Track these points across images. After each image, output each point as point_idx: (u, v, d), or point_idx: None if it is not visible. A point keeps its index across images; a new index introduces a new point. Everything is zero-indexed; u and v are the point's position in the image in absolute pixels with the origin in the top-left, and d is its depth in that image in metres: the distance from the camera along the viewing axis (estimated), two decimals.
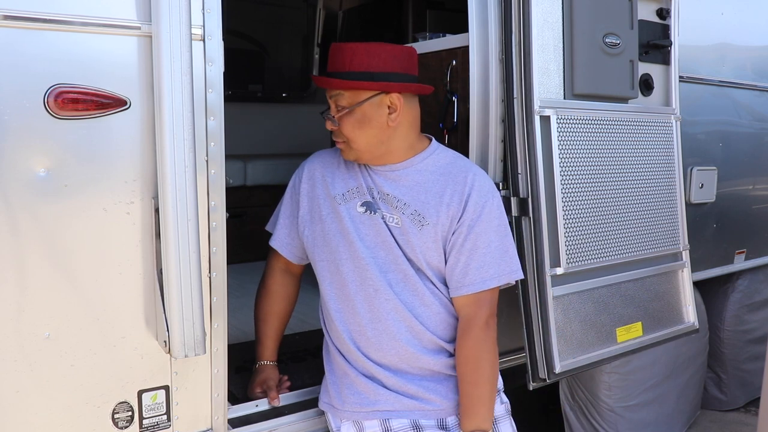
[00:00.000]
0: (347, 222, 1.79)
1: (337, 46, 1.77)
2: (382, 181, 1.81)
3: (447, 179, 1.79)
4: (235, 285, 2.84)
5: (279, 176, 4.09)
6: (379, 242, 1.78)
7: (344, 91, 1.73)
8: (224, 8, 1.68)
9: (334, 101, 1.76)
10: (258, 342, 2.05)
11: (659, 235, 2.42)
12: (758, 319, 3.55)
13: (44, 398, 1.56)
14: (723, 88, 3.04)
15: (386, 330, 1.77)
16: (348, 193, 1.83)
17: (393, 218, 1.78)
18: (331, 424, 1.86)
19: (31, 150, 1.48)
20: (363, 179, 1.83)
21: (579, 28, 2.16)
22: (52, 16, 1.46)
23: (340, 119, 1.75)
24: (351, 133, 1.75)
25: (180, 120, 1.51)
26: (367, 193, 1.81)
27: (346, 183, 1.84)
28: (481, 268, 1.76)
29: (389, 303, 1.77)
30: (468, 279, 1.76)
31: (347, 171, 1.86)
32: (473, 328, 1.76)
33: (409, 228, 1.76)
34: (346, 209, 1.81)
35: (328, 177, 1.87)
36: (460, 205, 1.76)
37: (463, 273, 1.76)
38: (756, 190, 3.29)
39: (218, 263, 1.75)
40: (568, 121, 2.14)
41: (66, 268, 1.55)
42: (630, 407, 2.83)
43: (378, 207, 1.79)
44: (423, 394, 1.79)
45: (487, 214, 1.77)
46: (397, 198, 1.78)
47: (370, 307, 1.78)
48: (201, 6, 1.63)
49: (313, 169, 1.90)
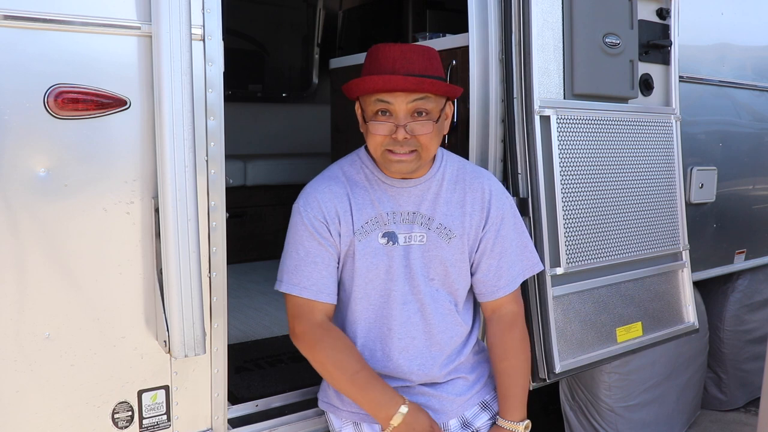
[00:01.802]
0: (370, 256, 1.71)
1: (398, 47, 1.62)
2: (405, 199, 1.73)
3: (463, 187, 1.78)
4: (235, 285, 2.85)
5: (279, 176, 4.10)
6: (405, 272, 1.73)
7: (432, 94, 1.62)
8: (224, 8, 1.68)
9: (413, 106, 1.61)
10: (382, 391, 1.68)
11: (659, 235, 2.42)
12: (758, 319, 3.54)
13: (44, 398, 1.56)
14: (723, 88, 3.04)
15: (413, 350, 1.76)
16: (367, 224, 1.71)
17: (417, 236, 1.74)
18: (333, 423, 1.86)
19: (31, 150, 1.48)
20: (381, 206, 1.72)
21: (579, 28, 2.17)
22: (52, 16, 1.46)
23: (423, 126, 1.61)
24: (430, 141, 1.63)
25: (180, 120, 1.51)
26: (388, 221, 1.72)
27: (363, 214, 1.71)
28: (510, 268, 1.81)
29: (416, 326, 1.76)
30: (502, 281, 1.80)
31: (361, 201, 1.72)
32: (518, 323, 1.85)
33: (436, 242, 1.74)
34: (368, 242, 1.71)
35: (341, 211, 1.70)
36: (483, 213, 1.77)
37: (497, 276, 1.80)
38: (756, 190, 3.29)
39: (218, 263, 1.75)
40: (568, 121, 2.14)
41: (66, 268, 1.55)
42: (630, 407, 2.83)
43: (397, 237, 1.72)
44: (429, 395, 1.79)
45: (508, 217, 1.81)
46: (422, 215, 1.74)
47: (399, 331, 1.75)
48: (201, 6, 1.63)
49: (326, 206, 1.69)
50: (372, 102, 1.63)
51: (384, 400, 1.66)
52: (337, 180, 1.73)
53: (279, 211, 4.03)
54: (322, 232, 1.69)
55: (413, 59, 1.61)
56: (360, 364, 1.69)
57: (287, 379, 2.20)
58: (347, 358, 1.68)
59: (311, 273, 1.69)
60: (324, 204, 1.69)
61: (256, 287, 3.46)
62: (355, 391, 1.68)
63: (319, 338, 1.69)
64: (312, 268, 1.69)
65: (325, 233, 1.69)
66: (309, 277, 1.69)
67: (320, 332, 1.69)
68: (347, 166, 1.77)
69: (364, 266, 1.72)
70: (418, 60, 1.61)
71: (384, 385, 1.69)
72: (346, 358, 1.68)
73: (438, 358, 1.78)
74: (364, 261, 1.71)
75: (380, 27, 4.04)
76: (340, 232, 1.70)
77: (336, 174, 1.75)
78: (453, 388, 1.81)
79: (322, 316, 1.70)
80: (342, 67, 3.19)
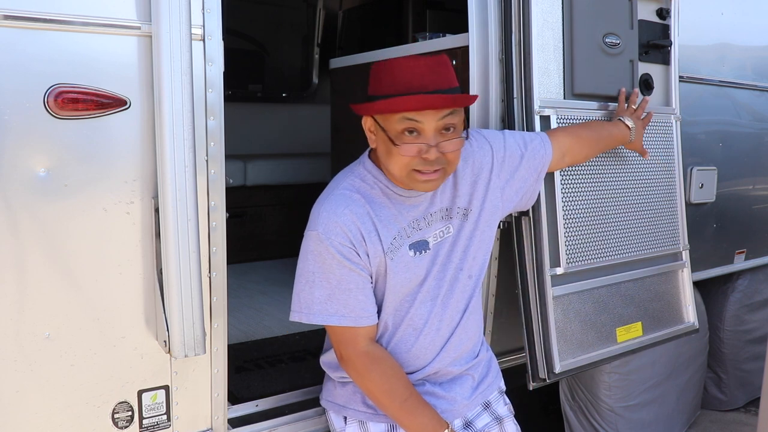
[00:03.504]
0: (403, 272, 1.68)
1: (421, 62, 1.54)
2: (425, 206, 1.70)
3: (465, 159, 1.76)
4: (235, 285, 2.85)
5: (279, 176, 4.09)
6: (435, 270, 1.72)
7: (458, 109, 1.57)
8: (224, 8, 1.68)
9: (442, 123, 1.54)
10: (430, 416, 1.68)
11: (659, 235, 2.42)
12: (758, 319, 3.54)
13: (44, 398, 1.56)
14: (723, 88, 3.04)
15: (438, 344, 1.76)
16: (395, 240, 1.66)
17: (442, 232, 1.72)
18: (333, 423, 1.86)
19: (31, 150, 1.48)
20: (403, 219, 1.67)
21: (579, 28, 2.17)
22: (52, 16, 1.47)
23: (453, 144, 1.56)
24: (456, 158, 1.60)
25: (180, 120, 1.51)
26: (412, 233, 1.68)
27: (389, 231, 1.65)
28: (533, 139, 1.91)
29: (451, 322, 1.76)
30: (542, 138, 1.92)
31: (385, 217, 1.65)
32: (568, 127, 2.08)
33: (459, 227, 1.74)
34: (399, 258, 1.66)
35: (365, 231, 1.61)
36: (487, 157, 1.78)
37: (542, 144, 1.91)
38: (756, 190, 3.29)
39: (218, 263, 1.74)
40: (568, 120, 2.14)
41: (66, 268, 1.55)
42: (630, 407, 2.83)
43: (426, 243, 1.69)
44: (439, 396, 1.79)
45: (497, 139, 1.84)
46: (441, 209, 1.73)
47: (424, 328, 1.74)
48: (201, 6, 1.63)
49: (350, 229, 1.60)
50: (397, 120, 1.53)
51: (431, 425, 1.66)
52: (353, 199, 1.63)
53: (279, 211, 4.04)
54: (352, 257, 1.60)
55: (440, 72, 1.54)
56: (409, 390, 1.68)
57: (287, 379, 2.20)
58: (396, 386, 1.67)
59: (347, 300, 1.62)
60: (348, 227, 1.59)
61: (256, 287, 3.46)
62: (403, 416, 1.68)
63: (366, 367, 1.67)
64: (347, 296, 1.62)
65: (354, 258, 1.61)
66: (345, 304, 1.62)
67: (367, 361, 1.67)
68: (359, 182, 1.67)
69: (398, 282, 1.68)
70: (443, 72, 1.55)
71: (431, 410, 1.69)
72: (394, 387, 1.67)
73: (458, 345, 1.78)
74: (397, 277, 1.67)
75: (380, 27, 4.04)
76: (368, 252, 1.62)
77: (350, 193, 1.64)
78: (461, 389, 1.81)
79: (365, 341, 1.67)
80: (342, 67, 3.19)
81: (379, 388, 1.67)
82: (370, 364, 1.67)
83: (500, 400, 1.92)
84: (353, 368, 1.69)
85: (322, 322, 1.64)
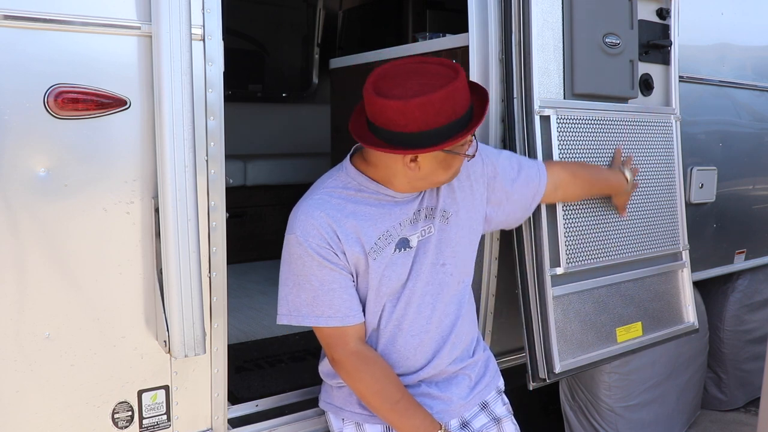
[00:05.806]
0: (384, 269, 1.68)
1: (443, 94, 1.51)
2: (412, 205, 1.71)
3: None
4: (235, 285, 2.85)
5: (279, 176, 4.09)
6: (419, 268, 1.72)
7: None
8: (224, 8, 1.68)
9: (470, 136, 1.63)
10: (422, 417, 1.68)
11: (659, 235, 2.42)
12: (758, 319, 3.55)
13: (44, 398, 1.56)
14: (723, 88, 3.04)
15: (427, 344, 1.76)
16: (379, 240, 1.67)
17: (426, 231, 1.73)
18: (332, 424, 1.86)
19: (31, 150, 1.48)
20: (391, 219, 1.68)
21: (579, 28, 2.17)
22: (52, 16, 1.47)
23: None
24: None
25: (180, 120, 1.51)
26: (401, 231, 1.69)
27: (372, 232, 1.66)
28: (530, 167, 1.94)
29: (440, 325, 1.76)
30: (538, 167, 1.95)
31: (368, 219, 1.66)
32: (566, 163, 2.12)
33: (440, 227, 1.74)
34: (382, 258, 1.67)
35: (342, 234, 1.63)
36: (477, 166, 1.80)
37: (537, 173, 1.93)
38: (756, 190, 3.29)
39: (218, 263, 1.75)
40: (568, 120, 2.14)
41: (66, 268, 1.55)
42: (630, 407, 2.83)
43: (408, 241, 1.70)
44: (434, 397, 1.79)
45: (497, 150, 1.93)
46: (426, 208, 1.73)
47: (412, 328, 1.74)
48: (201, 6, 1.63)
49: (325, 230, 1.62)
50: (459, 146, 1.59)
51: (424, 427, 1.67)
52: (330, 203, 1.64)
53: (279, 211, 4.03)
54: (330, 257, 1.62)
55: (459, 101, 1.54)
56: (400, 392, 1.69)
57: (287, 379, 2.20)
58: (387, 388, 1.68)
59: (332, 301, 1.64)
60: (323, 228, 1.61)
61: (256, 287, 3.46)
62: (395, 418, 1.68)
63: (356, 367, 1.68)
64: (332, 296, 1.64)
65: (333, 258, 1.63)
66: (330, 305, 1.64)
67: (357, 361, 1.68)
68: (340, 188, 1.68)
69: (381, 281, 1.68)
70: (463, 99, 1.55)
71: (423, 411, 1.70)
72: (386, 388, 1.68)
73: (452, 349, 1.78)
74: (379, 275, 1.68)
75: (380, 27, 4.04)
76: (345, 251, 1.63)
77: (327, 197, 1.66)
78: (457, 389, 1.81)
79: (355, 341, 1.68)
80: (342, 67, 3.19)
81: (369, 389, 1.68)
82: (361, 365, 1.68)
83: (498, 399, 1.91)
84: (344, 370, 1.69)
85: (311, 324, 1.66)
